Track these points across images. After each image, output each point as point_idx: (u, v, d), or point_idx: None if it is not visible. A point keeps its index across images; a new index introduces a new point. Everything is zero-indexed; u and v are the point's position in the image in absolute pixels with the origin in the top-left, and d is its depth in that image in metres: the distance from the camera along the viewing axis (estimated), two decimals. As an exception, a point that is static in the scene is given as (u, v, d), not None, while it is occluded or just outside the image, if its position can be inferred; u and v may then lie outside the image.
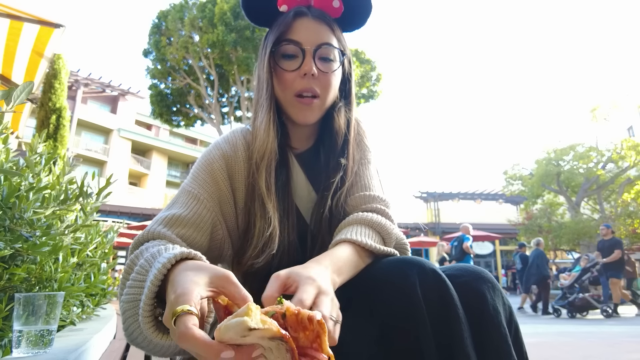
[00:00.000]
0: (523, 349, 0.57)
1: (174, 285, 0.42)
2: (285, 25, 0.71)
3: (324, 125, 0.78)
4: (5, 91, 0.87)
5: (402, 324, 0.47)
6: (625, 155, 12.93)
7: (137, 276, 0.50)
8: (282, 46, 0.71)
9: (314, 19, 0.72)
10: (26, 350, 0.69)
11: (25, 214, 0.94)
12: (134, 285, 0.50)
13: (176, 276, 0.43)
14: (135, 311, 0.49)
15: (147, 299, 0.45)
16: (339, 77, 0.75)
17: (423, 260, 0.53)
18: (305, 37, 0.70)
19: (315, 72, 0.68)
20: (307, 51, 0.69)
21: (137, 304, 0.48)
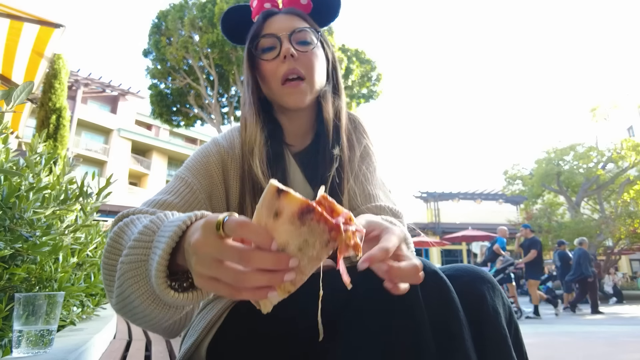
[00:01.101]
0: (523, 349, 0.57)
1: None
2: (258, 27, 0.74)
3: (320, 121, 0.77)
4: (5, 91, 0.87)
5: (403, 325, 0.47)
6: (625, 155, 12.93)
7: (142, 237, 0.47)
8: (258, 41, 0.73)
9: (284, 14, 0.75)
10: (26, 350, 0.69)
11: (25, 214, 0.94)
12: (138, 246, 0.47)
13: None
14: (137, 272, 0.46)
15: (164, 254, 0.41)
16: (322, 60, 0.76)
17: (424, 261, 0.52)
18: (278, 27, 0.72)
19: (294, 53, 0.70)
20: (283, 37, 0.71)
21: (142, 265, 0.46)
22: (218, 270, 0.35)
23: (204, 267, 0.36)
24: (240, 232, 0.34)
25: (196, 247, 0.36)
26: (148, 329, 0.53)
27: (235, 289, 0.35)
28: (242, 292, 0.35)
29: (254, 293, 0.35)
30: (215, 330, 0.64)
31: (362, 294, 0.51)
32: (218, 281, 0.36)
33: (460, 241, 14.03)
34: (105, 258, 0.52)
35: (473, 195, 19.36)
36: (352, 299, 0.51)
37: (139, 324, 0.52)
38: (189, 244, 0.39)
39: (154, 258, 0.43)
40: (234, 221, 0.34)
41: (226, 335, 0.63)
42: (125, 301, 0.48)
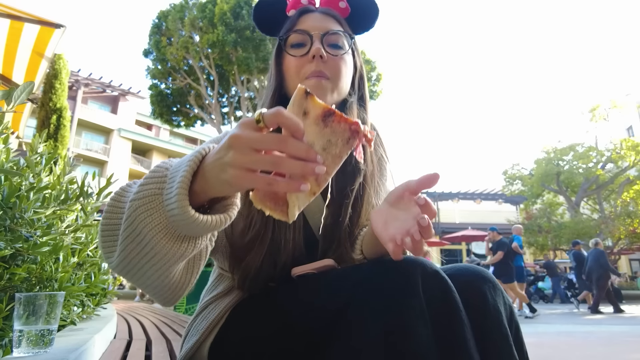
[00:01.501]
0: (524, 349, 0.57)
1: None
2: (292, 22, 0.72)
3: None
4: (5, 91, 0.87)
5: (404, 325, 0.47)
6: (625, 155, 12.94)
7: (154, 174, 0.47)
8: (290, 35, 0.71)
9: (321, 13, 0.73)
10: (26, 350, 0.69)
11: (25, 213, 0.94)
12: (150, 182, 0.46)
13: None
14: (151, 205, 0.45)
15: (187, 174, 0.42)
16: (350, 66, 0.73)
17: (425, 261, 0.52)
18: (312, 26, 0.71)
19: (323, 54, 0.68)
20: (315, 35, 0.70)
21: (155, 198, 0.45)
22: (257, 158, 0.38)
23: (244, 156, 0.38)
24: (278, 119, 0.38)
25: (236, 138, 0.38)
26: (151, 285, 0.51)
27: (270, 180, 0.38)
28: (278, 183, 0.38)
29: (288, 184, 0.38)
30: (217, 330, 0.64)
31: (363, 295, 0.51)
32: (254, 172, 0.38)
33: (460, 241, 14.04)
34: (105, 219, 0.51)
35: (473, 195, 19.35)
36: (353, 301, 0.51)
37: (142, 279, 0.50)
38: (215, 161, 0.41)
39: (173, 185, 0.43)
40: (270, 112, 0.38)
41: (228, 336, 0.63)
42: (132, 245, 0.46)
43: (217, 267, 0.73)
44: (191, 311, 3.78)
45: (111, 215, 0.50)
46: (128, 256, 0.48)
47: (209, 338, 0.64)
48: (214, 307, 0.67)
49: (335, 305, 0.52)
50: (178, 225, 0.44)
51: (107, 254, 0.52)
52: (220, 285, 0.69)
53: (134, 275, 0.50)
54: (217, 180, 0.41)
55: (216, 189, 0.42)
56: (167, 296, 0.54)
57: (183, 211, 0.42)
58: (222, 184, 0.41)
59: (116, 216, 0.50)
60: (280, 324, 0.57)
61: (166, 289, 0.52)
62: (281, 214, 0.41)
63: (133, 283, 0.53)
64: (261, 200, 0.41)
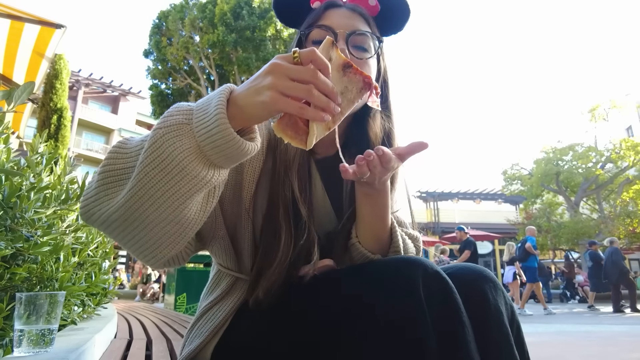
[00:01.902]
0: (524, 348, 0.57)
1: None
2: (316, 15, 0.67)
3: (351, 130, 0.70)
4: (6, 91, 0.87)
5: (405, 326, 0.47)
6: (624, 155, 12.94)
7: (176, 109, 0.47)
8: (312, 31, 0.66)
9: (348, 9, 0.67)
10: (27, 349, 0.69)
11: (26, 213, 0.94)
12: (174, 115, 0.47)
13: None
14: (179, 132, 0.46)
15: (224, 97, 0.45)
16: (373, 71, 0.68)
17: (426, 262, 0.52)
18: (338, 23, 0.65)
19: (347, 57, 0.63)
20: (340, 35, 0.64)
21: (183, 127, 0.46)
22: (293, 85, 0.43)
23: (281, 81, 0.43)
24: (312, 56, 0.44)
25: (276, 65, 0.44)
26: (160, 224, 0.49)
27: (302, 105, 0.43)
28: (308, 110, 0.43)
29: (315, 112, 0.44)
30: (222, 333, 0.63)
31: (365, 297, 0.51)
32: (287, 97, 0.43)
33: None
34: (107, 165, 0.50)
35: (472, 195, 19.35)
36: (353, 303, 0.51)
37: (152, 216, 0.48)
38: (251, 87, 0.45)
39: (209, 110, 0.45)
40: (306, 51, 0.44)
41: (233, 340, 0.62)
42: (154, 171, 0.46)
43: (216, 263, 0.72)
44: (191, 311, 3.78)
45: (114, 162, 0.50)
46: (144, 187, 0.47)
47: (212, 341, 0.63)
48: (218, 309, 0.66)
49: (338, 308, 0.52)
50: (209, 149, 0.46)
51: (102, 202, 0.50)
52: (222, 284, 0.69)
53: (142, 213, 0.48)
54: (253, 104, 0.44)
55: (250, 113, 0.45)
56: (172, 237, 0.51)
57: (223, 129, 0.44)
58: (257, 107, 0.44)
59: (122, 161, 0.50)
60: (284, 329, 0.57)
61: (177, 226, 0.50)
62: (300, 142, 0.47)
63: (130, 231, 0.50)
64: (283, 130, 0.46)
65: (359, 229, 0.64)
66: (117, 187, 0.50)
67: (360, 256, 0.65)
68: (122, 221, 0.49)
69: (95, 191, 0.51)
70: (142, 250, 0.52)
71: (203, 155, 0.47)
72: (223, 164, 0.48)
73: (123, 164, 0.50)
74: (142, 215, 0.48)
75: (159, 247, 0.52)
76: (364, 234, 0.64)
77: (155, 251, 0.52)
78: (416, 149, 0.55)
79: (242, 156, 0.47)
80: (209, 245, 0.68)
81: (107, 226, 0.51)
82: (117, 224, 0.50)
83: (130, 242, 0.52)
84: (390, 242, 0.65)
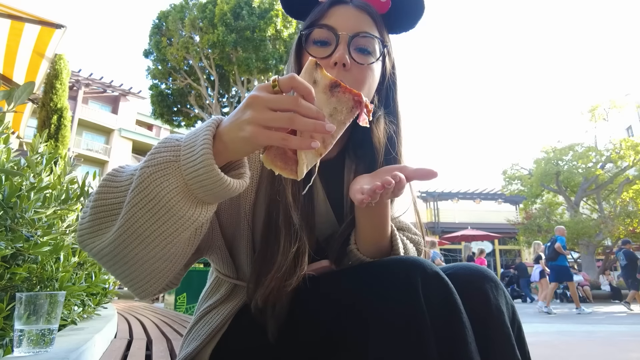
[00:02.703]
0: (525, 348, 0.57)
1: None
2: (320, 12, 0.64)
3: (353, 134, 0.68)
4: (6, 91, 0.87)
5: (404, 327, 0.46)
6: (624, 155, 12.93)
7: (164, 145, 0.47)
8: (314, 31, 0.62)
9: (355, 7, 0.63)
10: (27, 349, 0.69)
11: (26, 213, 0.94)
12: (162, 152, 0.47)
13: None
14: (167, 171, 0.46)
15: (209, 135, 0.44)
16: (376, 76, 0.64)
17: (425, 262, 0.52)
18: (342, 23, 0.61)
19: (347, 62, 0.59)
20: (342, 37, 0.60)
21: (171, 165, 0.46)
22: (273, 116, 0.42)
23: (261, 114, 0.42)
24: (292, 83, 0.42)
25: (254, 98, 0.43)
26: (149, 262, 0.49)
27: (285, 136, 0.42)
28: (292, 139, 0.42)
29: (301, 141, 0.42)
30: (220, 337, 0.63)
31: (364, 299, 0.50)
32: (270, 130, 0.42)
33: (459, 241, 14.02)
34: (98, 200, 0.50)
35: (472, 194, 19.34)
36: (354, 304, 0.51)
37: (140, 254, 0.48)
38: (233, 122, 0.44)
39: (195, 148, 0.45)
40: (285, 77, 0.43)
41: (231, 343, 0.62)
42: (141, 212, 0.46)
43: (214, 269, 0.71)
44: (191, 310, 3.78)
45: (105, 195, 0.50)
46: (132, 227, 0.47)
47: (210, 344, 0.63)
48: (216, 312, 0.65)
49: (337, 310, 0.52)
50: (196, 188, 0.45)
51: (95, 236, 0.50)
52: (221, 289, 0.68)
53: (130, 251, 0.48)
54: (236, 139, 0.44)
55: (234, 149, 0.45)
56: (161, 273, 0.52)
57: (209, 169, 0.44)
58: (240, 143, 0.44)
59: (112, 195, 0.50)
60: (283, 330, 0.57)
61: (165, 262, 0.51)
62: (290, 172, 0.45)
63: (120, 265, 0.50)
64: (272, 161, 0.45)
65: (358, 237, 0.64)
66: (109, 222, 0.50)
67: (359, 262, 0.64)
68: (112, 257, 0.50)
69: (89, 224, 0.51)
70: (133, 284, 0.53)
71: (190, 194, 0.46)
72: (211, 200, 0.48)
73: (114, 198, 0.50)
74: (130, 253, 0.49)
75: (148, 282, 0.52)
76: (363, 242, 0.63)
77: (145, 285, 0.53)
78: (425, 176, 0.53)
79: (229, 194, 0.47)
80: (206, 255, 0.67)
81: (99, 259, 0.51)
82: (107, 258, 0.50)
83: (121, 275, 0.52)
84: (390, 249, 0.65)
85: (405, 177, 0.53)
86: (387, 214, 0.62)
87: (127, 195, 0.48)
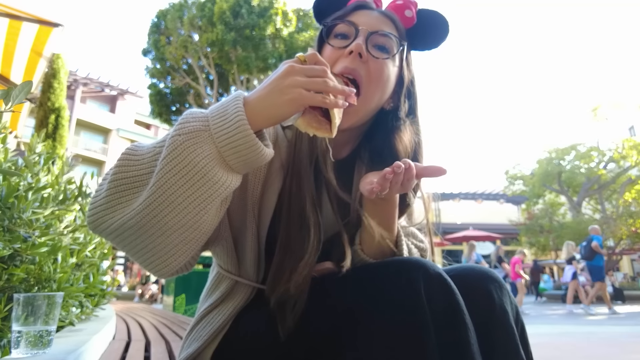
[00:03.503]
0: (528, 349, 0.57)
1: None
2: (343, 12, 0.66)
3: (368, 134, 0.69)
4: (4, 91, 0.86)
5: (406, 328, 0.46)
6: (627, 155, 12.93)
7: (191, 116, 0.49)
8: (335, 24, 0.65)
9: (379, 13, 0.66)
10: (25, 350, 0.69)
11: (24, 214, 0.93)
12: (190, 122, 0.49)
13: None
14: (199, 139, 0.47)
15: (241, 105, 0.48)
16: (392, 77, 0.65)
17: (428, 263, 0.51)
18: (364, 21, 0.63)
19: (363, 52, 0.60)
20: (361, 31, 0.62)
21: (201, 133, 0.48)
22: (313, 80, 0.49)
23: (302, 79, 0.48)
24: (315, 58, 0.51)
25: (293, 67, 0.49)
26: (179, 230, 0.49)
27: (323, 97, 0.48)
28: (330, 99, 0.49)
29: (335, 101, 0.49)
30: (221, 337, 0.62)
31: (366, 299, 0.50)
32: (310, 92, 0.48)
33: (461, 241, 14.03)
34: (119, 173, 0.50)
35: (474, 195, 19.37)
36: (357, 305, 0.51)
37: (170, 223, 0.48)
38: (273, 88, 0.49)
39: (227, 116, 0.48)
40: (309, 54, 0.51)
41: (233, 343, 0.62)
42: (175, 178, 0.47)
43: (217, 265, 0.71)
44: (190, 312, 3.78)
45: (126, 169, 0.50)
46: (164, 193, 0.47)
47: (212, 344, 0.63)
48: (217, 312, 0.65)
49: (340, 311, 0.52)
50: (230, 154, 0.48)
51: (114, 210, 0.50)
52: (221, 287, 0.68)
53: (161, 219, 0.48)
54: (277, 103, 0.48)
55: (273, 113, 0.49)
56: (188, 244, 0.51)
57: (246, 134, 0.47)
58: (282, 106, 0.48)
59: (134, 168, 0.50)
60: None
61: (195, 232, 0.50)
62: (325, 131, 0.52)
63: (145, 238, 0.49)
64: (308, 124, 0.51)
65: (363, 237, 0.63)
66: (131, 195, 0.50)
67: (362, 263, 0.64)
68: (138, 228, 0.49)
69: (105, 199, 0.50)
70: (154, 259, 0.52)
71: (223, 161, 0.49)
72: (240, 169, 0.51)
73: (136, 171, 0.50)
74: (160, 222, 0.48)
75: (174, 254, 0.51)
76: (368, 243, 0.63)
77: (169, 259, 0.51)
78: (434, 173, 0.55)
79: (260, 161, 0.50)
80: (212, 246, 0.67)
81: (118, 234, 0.50)
82: (131, 231, 0.49)
83: (142, 250, 0.51)
84: (394, 252, 0.64)
85: (417, 172, 0.54)
86: (394, 214, 0.62)
87: (151, 167, 0.49)
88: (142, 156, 0.51)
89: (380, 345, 0.46)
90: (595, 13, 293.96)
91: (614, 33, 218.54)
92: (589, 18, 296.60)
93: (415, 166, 0.54)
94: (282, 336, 0.55)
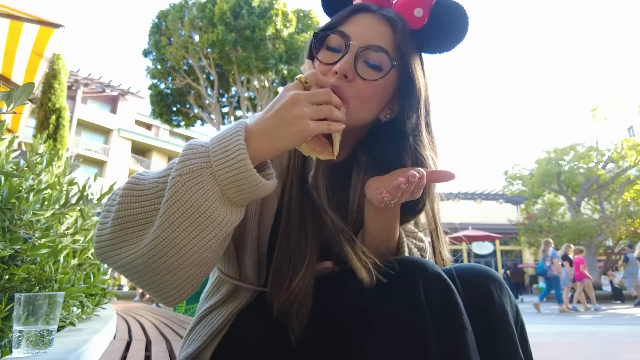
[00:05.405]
0: (528, 348, 0.57)
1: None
2: (342, 17, 0.60)
3: (365, 140, 0.66)
4: (5, 92, 0.86)
5: (405, 327, 0.47)
6: (626, 155, 12.91)
7: (191, 151, 0.49)
8: (326, 35, 0.60)
9: (378, 17, 0.59)
10: (26, 350, 0.69)
11: (24, 215, 0.94)
12: (191, 158, 0.48)
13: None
14: (200, 178, 0.47)
15: (243, 141, 0.47)
16: (383, 92, 0.60)
17: (427, 263, 0.51)
18: (357, 32, 0.58)
19: (349, 75, 0.55)
20: (352, 47, 0.56)
21: (203, 172, 0.47)
22: (319, 109, 0.48)
23: (309, 109, 0.48)
24: (316, 78, 0.51)
25: (298, 96, 0.48)
26: (186, 268, 0.49)
27: (328, 124, 0.49)
28: (333, 124, 0.49)
29: (338, 125, 0.50)
30: (221, 338, 0.63)
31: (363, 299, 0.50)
32: (316, 121, 0.48)
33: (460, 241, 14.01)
34: (122, 211, 0.49)
35: (473, 195, 19.34)
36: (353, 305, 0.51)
37: (178, 262, 0.48)
38: (278, 119, 0.48)
39: (228, 153, 0.47)
40: (309, 75, 0.50)
41: (232, 344, 0.62)
42: (179, 220, 0.46)
43: (217, 268, 0.71)
44: (191, 312, 3.77)
45: (129, 205, 0.49)
46: (169, 236, 0.47)
47: (211, 345, 0.63)
48: (217, 313, 0.65)
49: (339, 311, 0.52)
50: (232, 192, 0.48)
51: (119, 248, 0.50)
52: (222, 289, 0.68)
53: (166, 260, 0.48)
54: (285, 135, 0.48)
55: (279, 144, 0.48)
56: (194, 279, 0.52)
57: (247, 172, 0.47)
58: (290, 137, 0.48)
59: (137, 205, 0.49)
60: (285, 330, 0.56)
61: (201, 268, 0.51)
62: (329, 154, 0.52)
63: (152, 275, 0.50)
64: (312, 148, 0.51)
65: (365, 240, 0.63)
66: (136, 233, 0.49)
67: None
68: (144, 267, 0.49)
69: (110, 235, 0.50)
70: (162, 293, 0.52)
71: (226, 198, 0.48)
72: (243, 202, 0.50)
73: (139, 208, 0.49)
74: (166, 262, 0.49)
75: (181, 289, 0.52)
76: (370, 245, 0.62)
77: (176, 293, 0.52)
78: (443, 178, 0.55)
79: (263, 194, 0.50)
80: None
81: (126, 270, 0.51)
82: (138, 269, 0.50)
83: (150, 285, 0.52)
84: (396, 253, 0.64)
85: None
86: (396, 216, 0.62)
87: (154, 203, 0.49)
88: (144, 191, 0.50)
89: (380, 344, 0.47)
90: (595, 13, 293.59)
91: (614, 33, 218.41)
92: (589, 18, 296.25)
93: (424, 171, 0.53)
94: (294, 343, 0.55)
